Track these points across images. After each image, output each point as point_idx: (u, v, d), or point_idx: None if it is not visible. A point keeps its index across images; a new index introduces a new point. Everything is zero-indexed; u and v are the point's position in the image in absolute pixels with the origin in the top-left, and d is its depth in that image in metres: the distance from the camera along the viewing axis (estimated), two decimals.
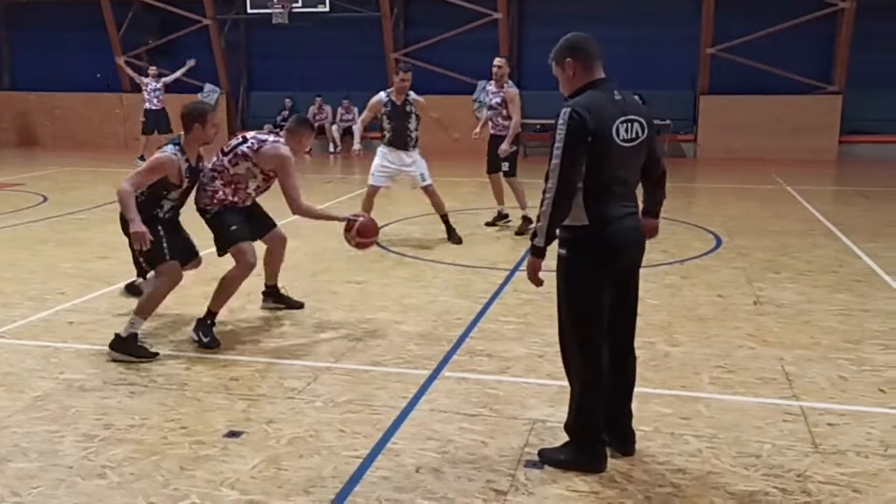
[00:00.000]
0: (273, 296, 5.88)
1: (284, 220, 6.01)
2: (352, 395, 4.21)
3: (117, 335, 4.75)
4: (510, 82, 8.76)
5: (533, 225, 9.12)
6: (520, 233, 8.54)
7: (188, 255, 5.21)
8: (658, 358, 4.76)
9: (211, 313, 5.10)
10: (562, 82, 3.35)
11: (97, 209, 9.97)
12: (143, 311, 4.86)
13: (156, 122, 15.06)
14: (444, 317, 5.63)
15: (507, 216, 9.15)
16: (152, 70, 15.43)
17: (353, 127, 9.69)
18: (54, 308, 5.76)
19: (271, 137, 5.30)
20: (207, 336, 5.00)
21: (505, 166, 8.66)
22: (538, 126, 17.11)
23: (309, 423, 3.86)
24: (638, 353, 3.61)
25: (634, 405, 3.59)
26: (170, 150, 4.94)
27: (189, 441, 3.66)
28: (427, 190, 8.34)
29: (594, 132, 3.12)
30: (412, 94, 8.18)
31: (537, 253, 3.25)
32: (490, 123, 8.88)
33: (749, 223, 9.24)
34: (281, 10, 16.55)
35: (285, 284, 5.97)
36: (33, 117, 19.19)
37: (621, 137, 3.20)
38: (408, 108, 8.14)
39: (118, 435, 3.72)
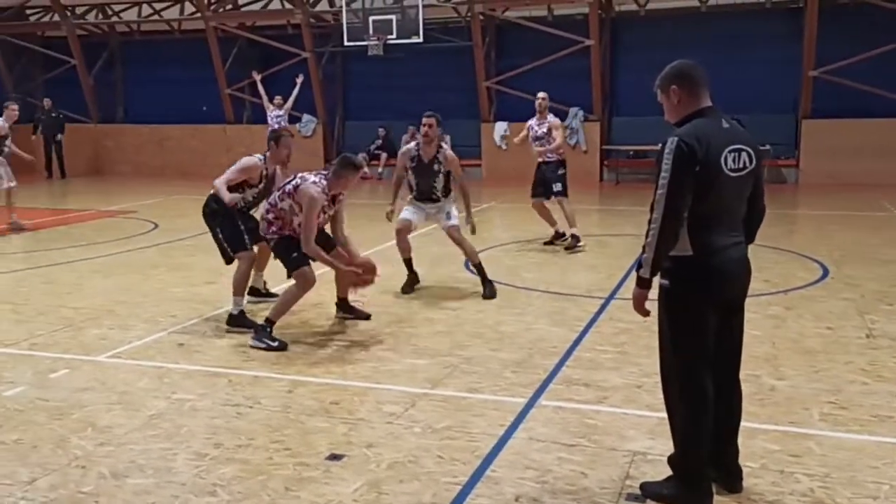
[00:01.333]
0: (343, 308, 6.37)
1: (379, 246, 6.14)
2: (450, 422, 4.24)
3: (255, 326, 5.71)
4: (551, 114, 9.56)
5: (582, 243, 9.57)
6: (570, 248, 9.16)
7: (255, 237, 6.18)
8: (764, 392, 4.60)
9: (269, 321, 5.67)
10: (667, 110, 3.32)
11: (204, 235, 10.38)
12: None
13: None
14: (540, 344, 5.61)
15: (563, 234, 9.47)
16: (277, 99, 16.19)
17: None
18: (166, 330, 6.04)
19: (312, 178, 5.76)
20: (274, 340, 5.55)
21: (557, 187, 9.25)
22: (631, 152, 16.93)
23: (408, 449, 3.90)
24: (743, 386, 3.50)
25: (740, 440, 3.48)
26: (258, 157, 6.20)
27: (293, 462, 3.76)
28: (451, 233, 7.29)
29: (702, 162, 3.08)
30: (445, 149, 7.33)
31: (643, 284, 3.21)
32: (537, 152, 9.43)
33: (858, 251, 8.85)
34: (376, 43, 16.98)
35: (381, 308, 6.09)
36: (146, 149, 20.25)
37: (729, 167, 3.15)
38: (436, 166, 7.24)
39: (227, 454, 3.86)
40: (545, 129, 9.38)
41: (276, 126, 15.63)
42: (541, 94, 9.51)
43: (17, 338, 5.84)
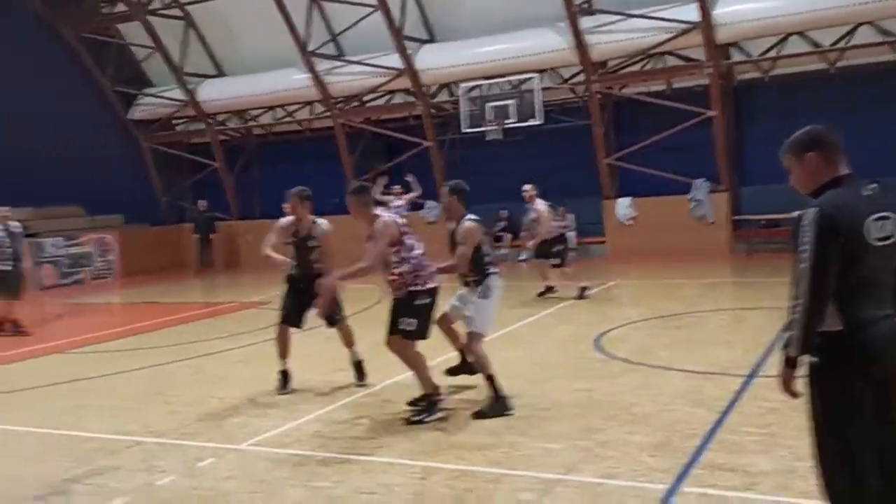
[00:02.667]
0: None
1: (504, 329, 6.11)
2: None
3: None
4: (539, 201, 11.91)
5: (593, 290, 10.48)
6: (580, 297, 11.37)
7: None
8: None
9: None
10: (799, 178, 3.19)
11: None
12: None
13: None
14: (678, 426, 5.37)
15: (553, 288, 11.72)
16: (396, 189, 16.57)
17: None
18: (302, 418, 6.21)
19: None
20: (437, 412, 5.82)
21: (556, 261, 11.94)
22: (763, 222, 16.28)
23: None
24: None
25: None
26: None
27: None
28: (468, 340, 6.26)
29: (846, 232, 2.93)
30: (467, 220, 6.26)
31: (790, 363, 3.04)
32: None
33: None
34: (495, 127, 17.38)
35: (511, 392, 6.04)
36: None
37: (874, 237, 2.98)
38: (457, 237, 6.32)
39: None
40: (534, 216, 11.86)
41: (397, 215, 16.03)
42: (525, 186, 12.02)
43: (168, 427, 6.15)
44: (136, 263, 20.15)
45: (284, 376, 7.10)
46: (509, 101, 17.39)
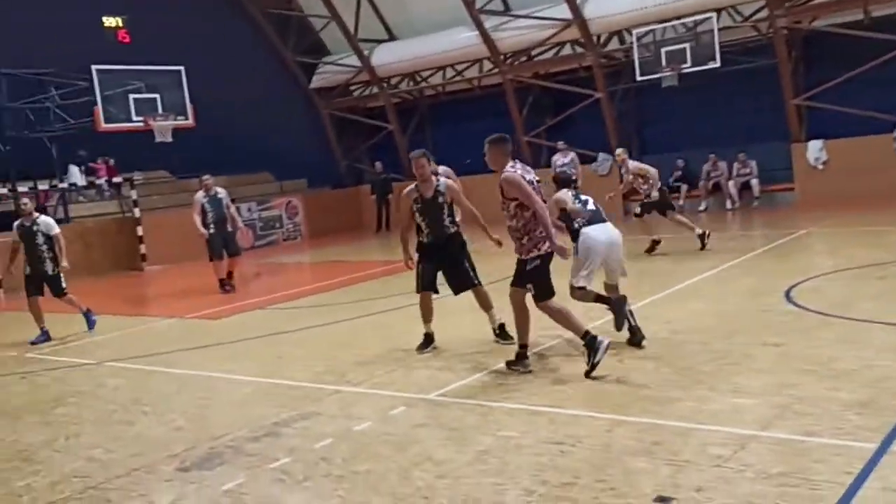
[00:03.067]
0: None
1: (687, 280, 5.92)
2: (785, 468, 3.93)
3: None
4: (630, 162, 12.20)
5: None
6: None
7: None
8: None
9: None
10: None
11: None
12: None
13: None
14: (886, 384, 5.01)
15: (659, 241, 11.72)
16: (560, 144, 16.21)
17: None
18: (488, 370, 6.37)
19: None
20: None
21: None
22: None
23: (742, 495, 3.68)
24: None
25: None
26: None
27: (620, 503, 3.74)
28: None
29: None
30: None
31: None
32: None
33: None
34: (670, 73, 16.65)
35: (697, 345, 5.87)
36: None
37: None
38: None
39: (555, 492, 3.95)
40: (631, 177, 12.06)
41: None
42: (618, 151, 12.48)
43: (361, 378, 6.54)
44: (320, 225, 21.34)
45: (428, 339, 7.25)
46: (685, 45, 16.58)
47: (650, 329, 6.71)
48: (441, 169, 7.69)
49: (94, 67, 14.70)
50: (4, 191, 16.08)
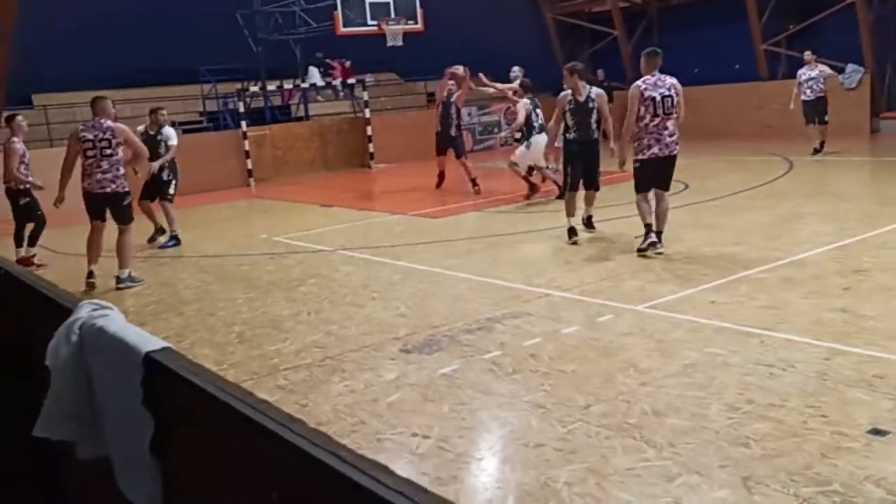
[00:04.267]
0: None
1: None
2: None
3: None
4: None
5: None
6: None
7: None
8: None
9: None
10: None
11: (732, 196, 10.44)
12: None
13: (814, 112, 13.82)
14: None
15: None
16: (807, 55, 14.21)
17: None
18: (698, 287, 6.31)
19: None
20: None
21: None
22: None
23: None
24: None
25: None
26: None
27: (830, 430, 3.68)
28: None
29: None
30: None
31: None
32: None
33: None
34: None
35: None
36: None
37: None
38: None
39: (759, 411, 3.95)
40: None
41: (809, 91, 13.90)
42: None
43: (570, 284, 6.73)
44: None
45: (572, 231, 8.44)
46: None
47: (884, 257, 6.25)
48: (594, 91, 8.61)
49: None
50: (255, 88, 17.69)
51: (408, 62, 19.53)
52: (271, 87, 18.02)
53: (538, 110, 11.93)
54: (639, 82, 7.49)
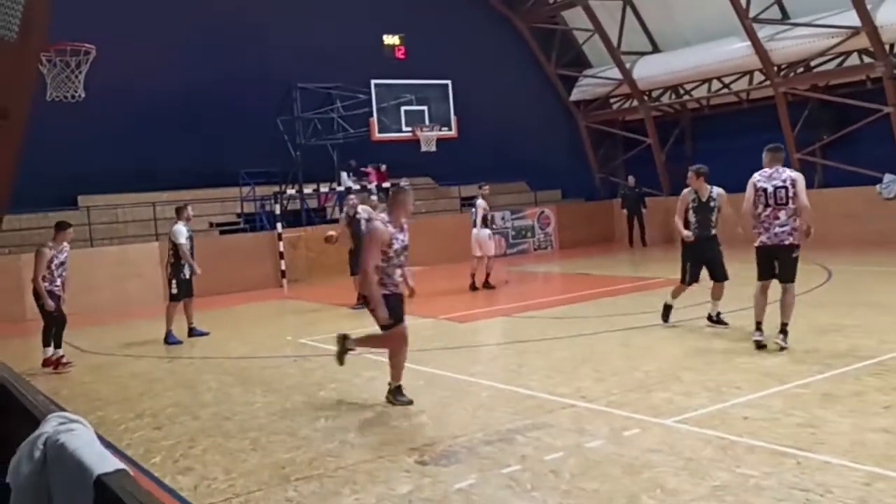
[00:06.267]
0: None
1: None
2: None
3: None
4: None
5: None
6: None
7: None
8: None
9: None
10: None
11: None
12: None
13: None
14: None
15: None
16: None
17: None
18: (730, 401, 6.04)
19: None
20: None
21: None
22: None
23: None
24: None
25: None
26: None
27: None
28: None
29: None
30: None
31: None
32: None
33: None
34: None
35: None
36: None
37: None
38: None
39: None
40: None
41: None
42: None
43: (596, 395, 6.50)
44: (571, 236, 21.43)
45: (668, 310, 9.33)
46: None
47: None
48: (715, 191, 9.11)
49: (372, 82, 16.06)
50: (292, 191, 18.09)
51: (442, 167, 19.89)
52: (308, 189, 18.41)
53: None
54: (755, 174, 7.74)
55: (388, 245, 6.59)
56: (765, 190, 7.55)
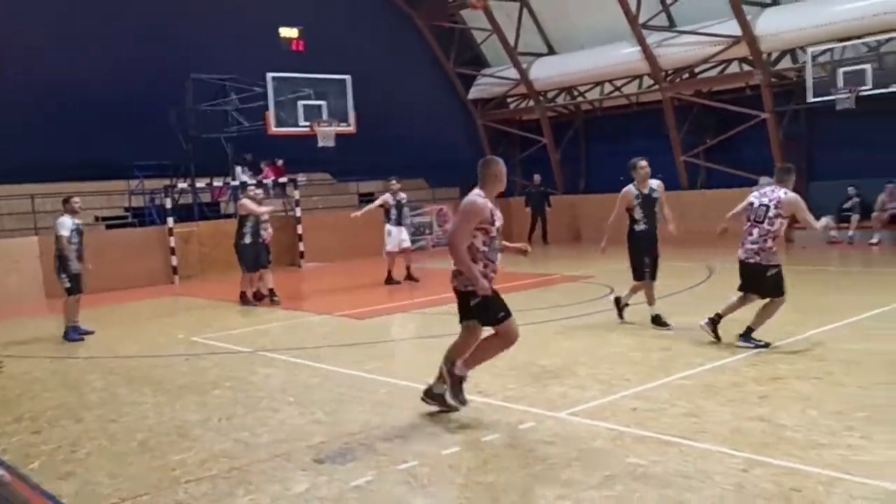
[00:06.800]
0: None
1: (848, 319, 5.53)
2: None
3: None
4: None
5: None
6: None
7: None
8: None
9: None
10: None
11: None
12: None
13: None
14: None
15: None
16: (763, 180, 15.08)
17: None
18: (620, 393, 6.26)
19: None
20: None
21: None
22: None
23: None
24: None
25: None
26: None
27: None
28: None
29: None
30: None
31: None
32: None
33: None
34: (847, 96, 15.62)
35: (856, 390, 5.48)
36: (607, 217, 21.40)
37: None
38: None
39: None
40: None
41: None
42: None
43: (494, 390, 6.60)
44: None
45: (619, 304, 9.37)
46: (865, 66, 15.51)
47: (799, 364, 6.34)
48: (655, 183, 9.06)
49: (269, 75, 15.70)
50: (184, 185, 17.49)
51: (340, 163, 19.70)
52: (201, 184, 17.86)
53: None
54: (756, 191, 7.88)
55: (489, 223, 5.63)
56: (751, 204, 7.57)
